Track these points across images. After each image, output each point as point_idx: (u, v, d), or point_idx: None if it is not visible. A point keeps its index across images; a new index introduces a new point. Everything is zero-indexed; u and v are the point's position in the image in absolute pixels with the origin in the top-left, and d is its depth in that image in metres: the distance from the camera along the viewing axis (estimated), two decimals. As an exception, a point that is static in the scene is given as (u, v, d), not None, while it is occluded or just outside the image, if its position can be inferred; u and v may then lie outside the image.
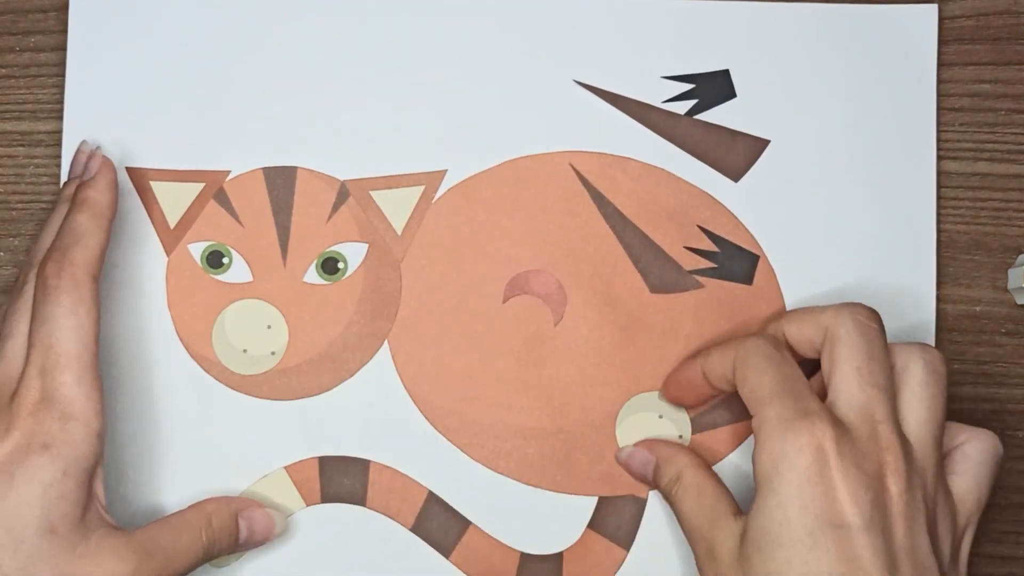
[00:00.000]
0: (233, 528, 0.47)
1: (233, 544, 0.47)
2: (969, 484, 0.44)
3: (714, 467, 0.51)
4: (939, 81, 0.53)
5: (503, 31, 0.52)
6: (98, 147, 0.50)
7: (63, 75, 0.52)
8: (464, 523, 0.51)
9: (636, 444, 0.51)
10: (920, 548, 0.41)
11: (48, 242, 0.46)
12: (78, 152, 0.50)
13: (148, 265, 0.51)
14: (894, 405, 0.43)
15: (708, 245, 0.52)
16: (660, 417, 0.51)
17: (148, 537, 0.44)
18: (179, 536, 0.45)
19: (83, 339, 0.44)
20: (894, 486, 0.42)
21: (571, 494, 0.51)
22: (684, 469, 0.48)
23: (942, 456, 0.44)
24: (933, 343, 0.51)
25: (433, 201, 0.52)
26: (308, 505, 0.51)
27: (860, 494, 0.41)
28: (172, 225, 0.51)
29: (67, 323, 0.43)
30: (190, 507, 0.47)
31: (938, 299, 0.52)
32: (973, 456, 0.45)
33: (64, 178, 0.51)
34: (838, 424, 0.42)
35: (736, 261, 0.52)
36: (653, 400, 0.51)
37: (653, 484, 0.50)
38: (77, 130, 0.51)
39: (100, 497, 0.44)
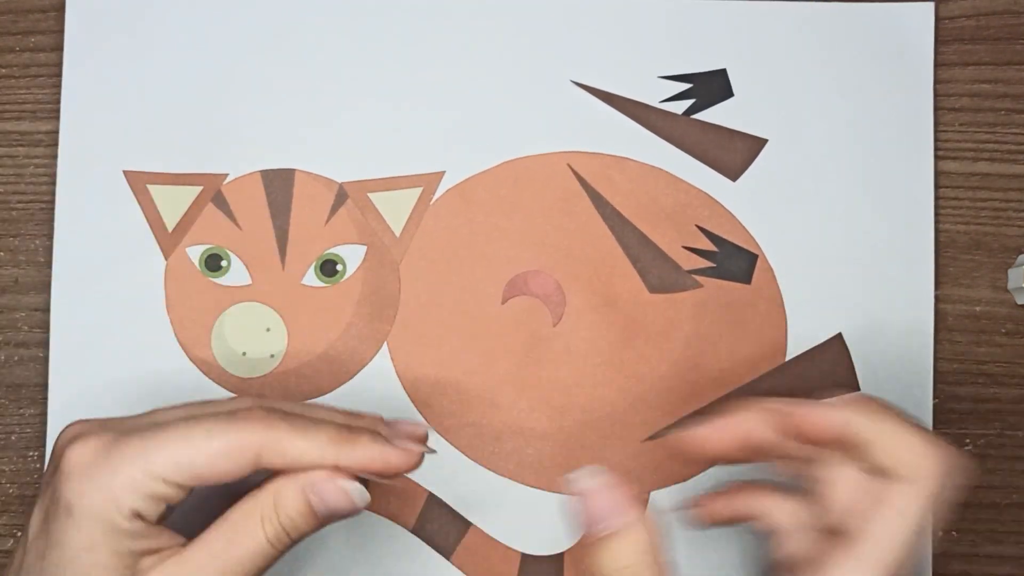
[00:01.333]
0: (303, 507, 0.41)
1: (309, 522, 0.41)
2: None
3: (713, 467, 0.51)
4: (939, 81, 0.53)
5: (500, 32, 0.52)
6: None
7: (62, 76, 0.52)
8: (465, 524, 0.51)
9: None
10: None
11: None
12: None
13: (146, 269, 0.51)
14: None
15: (707, 244, 0.52)
16: None
17: (201, 554, 0.40)
18: (235, 538, 0.40)
19: None
20: None
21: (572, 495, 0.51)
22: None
23: None
24: (932, 343, 0.51)
25: (431, 202, 0.52)
26: (308, 507, 0.51)
27: None
28: (170, 228, 0.51)
29: None
30: (249, 495, 0.41)
31: (938, 299, 0.52)
32: None
33: (61, 178, 0.51)
34: None
35: (735, 260, 0.52)
36: None
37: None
38: (74, 133, 0.51)
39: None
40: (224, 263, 0.51)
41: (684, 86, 0.52)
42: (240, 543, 0.40)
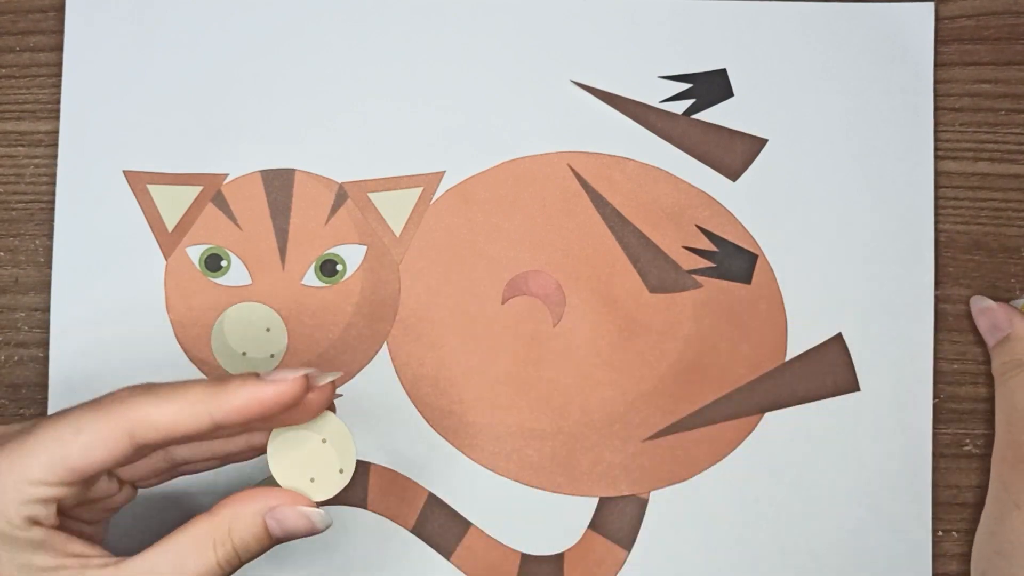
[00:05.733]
0: (259, 532, 0.40)
1: (264, 545, 0.41)
2: None
3: (718, 463, 0.51)
4: (939, 81, 0.52)
5: (500, 32, 0.52)
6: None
7: (62, 76, 0.52)
8: (465, 524, 0.51)
9: (998, 304, 0.51)
10: None
11: None
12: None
13: (146, 269, 0.51)
14: None
15: (707, 245, 0.52)
16: (324, 442, 0.42)
17: (142, 569, 0.39)
18: (183, 560, 0.39)
19: None
20: None
21: (572, 495, 0.51)
22: None
23: None
24: (932, 343, 0.51)
25: (431, 202, 0.52)
26: (308, 507, 0.51)
27: None
28: (170, 228, 0.51)
29: None
30: (201, 517, 0.40)
31: (938, 299, 0.52)
32: None
33: (61, 178, 0.51)
34: None
35: (735, 260, 0.52)
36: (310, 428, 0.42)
37: (991, 352, 0.51)
38: (74, 133, 0.51)
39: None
40: (224, 263, 0.51)
41: (684, 86, 0.52)
42: (189, 566, 0.39)
